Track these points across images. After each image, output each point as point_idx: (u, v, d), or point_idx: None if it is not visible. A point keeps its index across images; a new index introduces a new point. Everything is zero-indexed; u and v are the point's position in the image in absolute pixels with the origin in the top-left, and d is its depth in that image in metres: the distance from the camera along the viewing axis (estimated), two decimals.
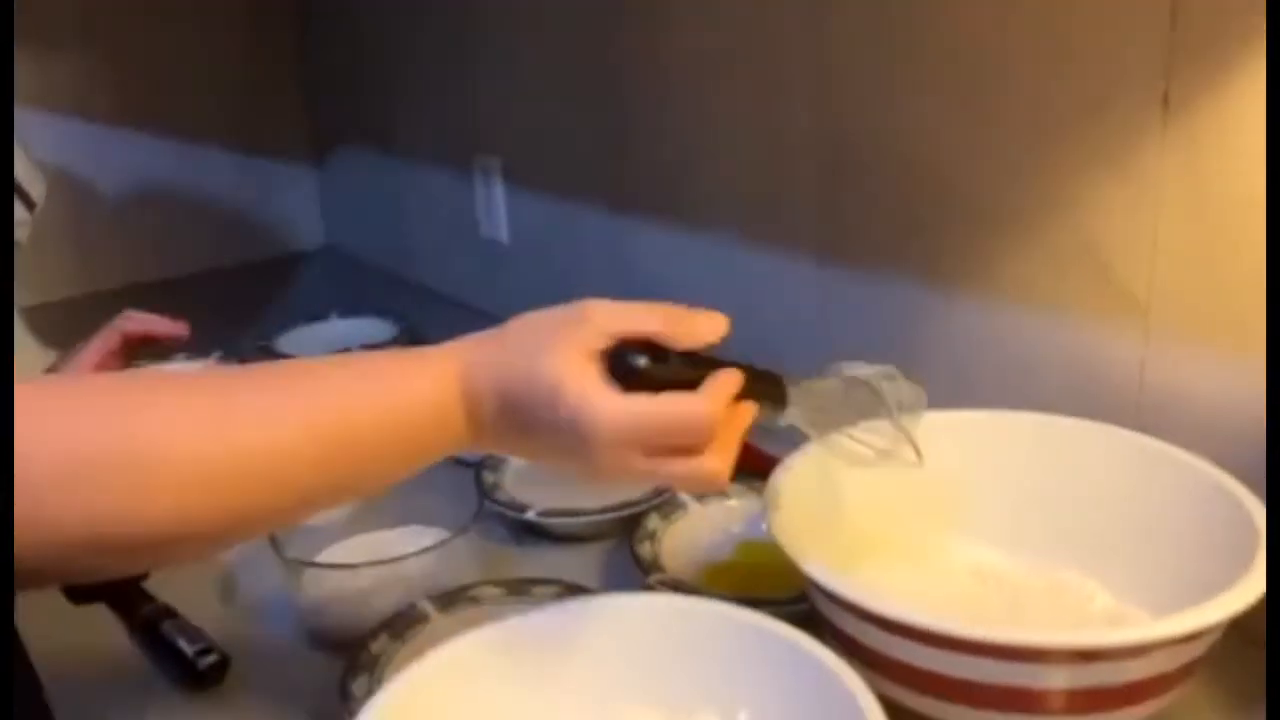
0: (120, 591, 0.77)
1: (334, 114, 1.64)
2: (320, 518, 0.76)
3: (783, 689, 0.50)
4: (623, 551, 0.78)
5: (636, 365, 0.49)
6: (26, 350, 1.15)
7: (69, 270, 1.54)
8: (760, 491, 0.78)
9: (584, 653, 0.53)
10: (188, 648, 0.69)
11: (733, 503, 0.78)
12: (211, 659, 0.68)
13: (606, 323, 0.49)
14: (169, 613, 0.73)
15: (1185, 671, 0.51)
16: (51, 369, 0.81)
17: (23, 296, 1.22)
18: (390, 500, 0.80)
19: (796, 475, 0.63)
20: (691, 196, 0.98)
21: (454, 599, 0.68)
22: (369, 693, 0.60)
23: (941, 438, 0.67)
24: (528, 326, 0.51)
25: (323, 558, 0.75)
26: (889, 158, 0.78)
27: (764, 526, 0.75)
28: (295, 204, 1.72)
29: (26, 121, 1.17)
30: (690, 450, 0.48)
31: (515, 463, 0.88)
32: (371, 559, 0.71)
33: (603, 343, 0.49)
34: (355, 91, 1.55)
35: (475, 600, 0.68)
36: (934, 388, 0.78)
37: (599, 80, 1.06)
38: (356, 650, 0.63)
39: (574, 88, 1.10)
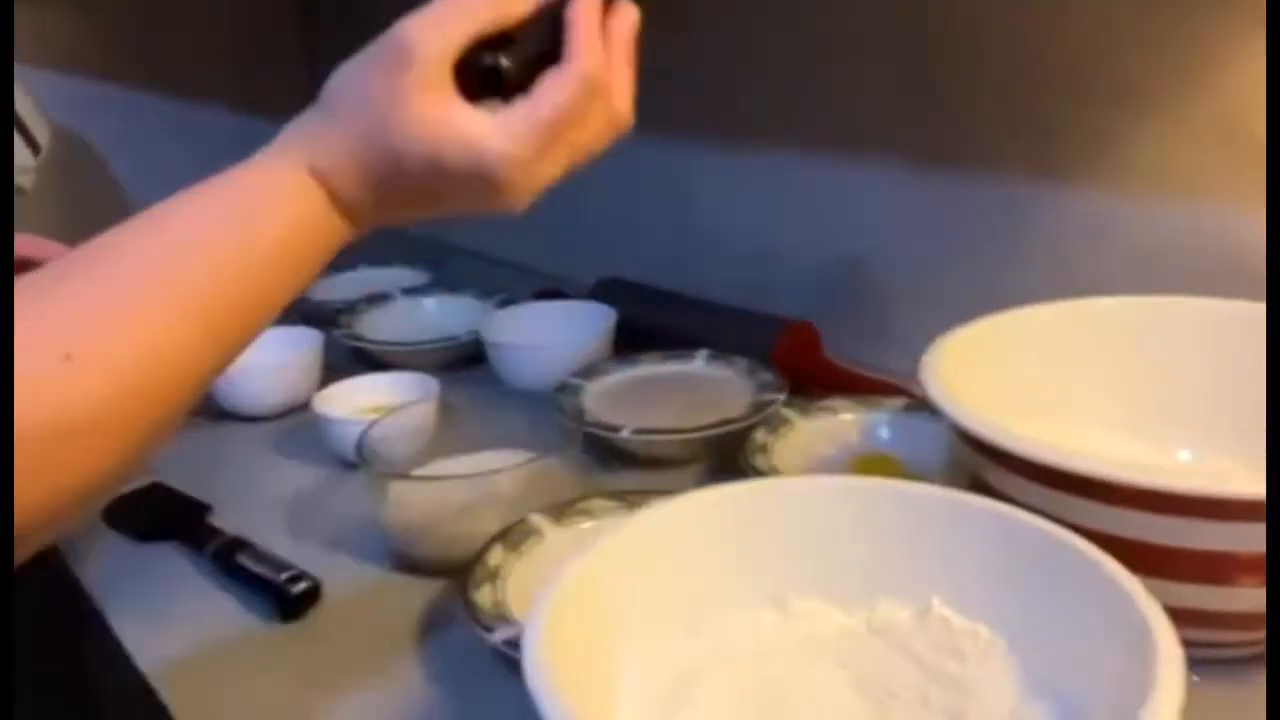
0: (189, 527, 0.72)
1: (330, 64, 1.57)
2: (400, 446, 0.71)
3: (995, 569, 0.45)
4: (722, 473, 0.74)
5: (495, 70, 0.43)
6: None
7: (60, 233, 1.46)
8: (864, 405, 0.74)
9: (757, 534, 0.49)
10: (275, 576, 0.63)
11: (846, 416, 0.74)
12: (304, 585, 0.62)
13: (437, 49, 0.42)
14: (244, 544, 0.67)
15: None
16: None
17: None
18: (470, 428, 0.75)
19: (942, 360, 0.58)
20: (755, 113, 0.94)
21: (565, 512, 0.63)
22: (496, 603, 0.55)
23: (1058, 328, 0.63)
24: (354, 94, 0.44)
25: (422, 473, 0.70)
26: (985, 35, 0.74)
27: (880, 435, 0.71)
28: None
29: (21, 77, 1.10)
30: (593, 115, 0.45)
31: (595, 385, 0.83)
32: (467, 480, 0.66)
33: (443, 70, 0.43)
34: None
35: (588, 513, 0.63)
36: (1047, 281, 0.75)
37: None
38: (472, 564, 0.58)
39: None
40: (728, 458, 0.75)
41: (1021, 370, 0.62)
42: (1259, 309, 0.60)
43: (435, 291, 1.09)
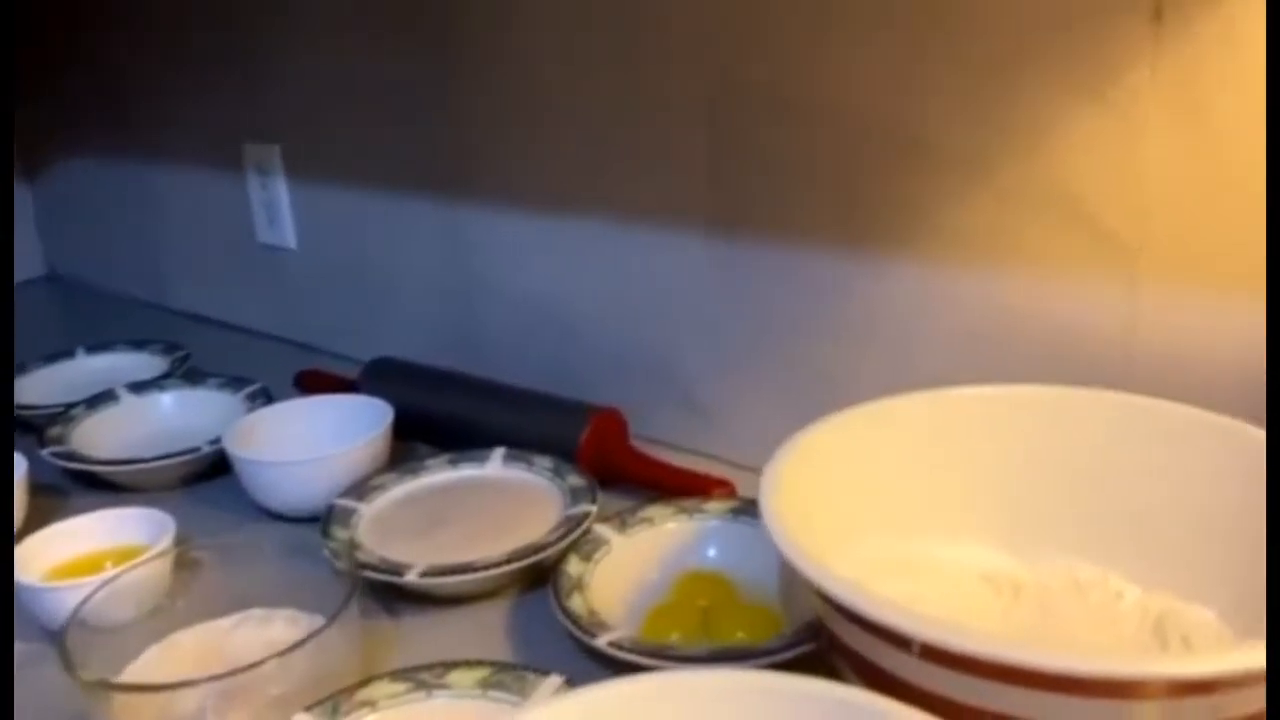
0: None
1: (48, 116, 1.35)
2: (122, 613, 0.57)
3: None
4: (534, 606, 0.63)
5: None
6: None
7: None
8: (685, 513, 0.66)
9: None
10: None
11: (669, 526, 0.65)
12: None
13: None
14: None
15: None
16: None
17: None
18: (217, 576, 0.61)
19: (777, 494, 0.50)
20: (543, 173, 0.84)
21: (340, 707, 0.50)
22: None
23: (908, 422, 0.57)
24: None
25: (136, 667, 0.55)
26: (794, 109, 0.67)
27: (710, 554, 0.63)
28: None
29: None
30: None
31: (370, 508, 0.70)
32: (210, 662, 0.52)
33: None
34: (73, 86, 1.28)
35: (369, 704, 0.50)
36: (874, 367, 0.69)
37: (411, 35, 0.89)
38: None
39: (376, 46, 0.92)
40: (538, 581, 0.64)
41: (873, 477, 0.55)
42: (1129, 400, 0.55)
43: (171, 386, 0.92)
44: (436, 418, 0.82)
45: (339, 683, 0.52)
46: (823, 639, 0.48)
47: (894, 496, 0.55)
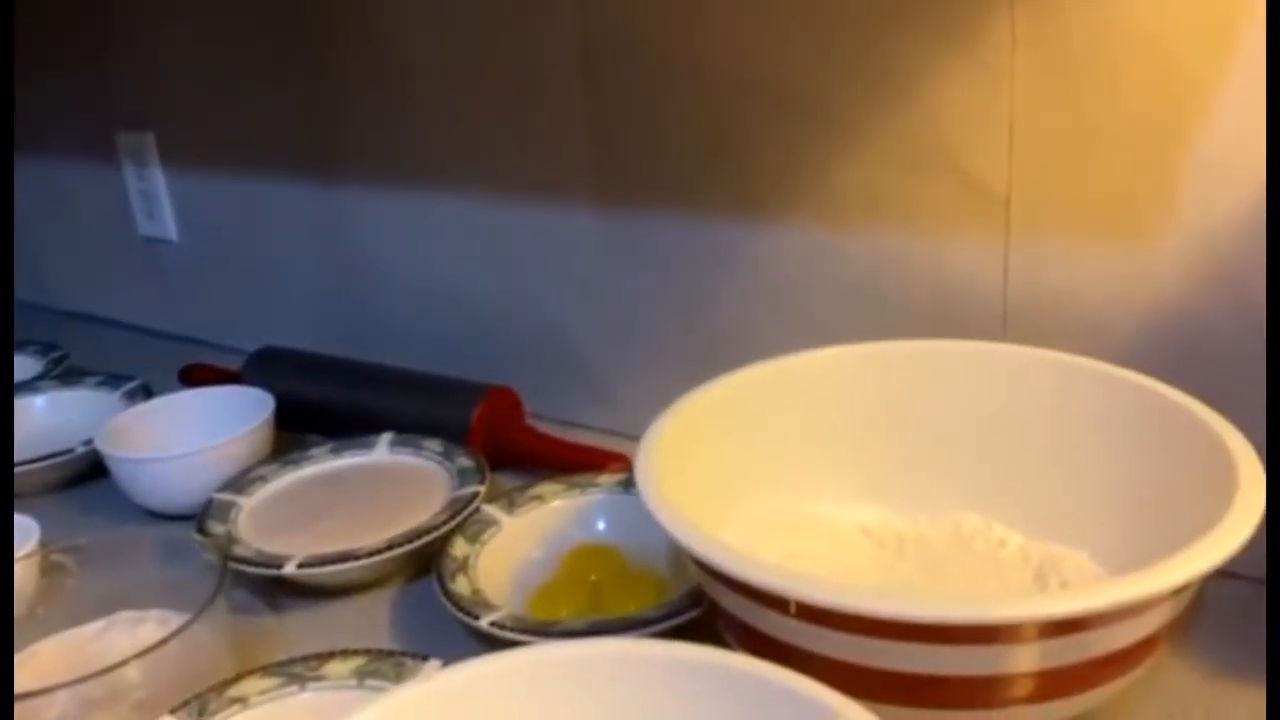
0: None
1: None
2: None
3: None
4: (416, 594, 0.61)
5: None
6: None
7: None
8: (577, 488, 0.65)
9: None
10: None
11: (556, 504, 0.63)
12: None
13: None
14: None
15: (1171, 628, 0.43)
16: None
17: None
18: (86, 581, 0.58)
19: (654, 457, 0.49)
20: (419, 149, 0.81)
21: (208, 706, 0.48)
22: None
23: (790, 383, 0.57)
24: None
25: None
26: (675, 69, 0.66)
27: (600, 527, 0.62)
28: None
29: None
30: None
31: (252, 500, 0.68)
32: (75, 672, 0.49)
33: None
34: None
35: (241, 700, 0.48)
36: (760, 329, 0.68)
37: (277, 9, 0.86)
38: None
39: (244, 23, 0.89)
40: (426, 568, 0.62)
41: (753, 438, 0.55)
42: (1006, 350, 0.55)
43: (45, 387, 0.88)
44: (325, 406, 0.80)
45: (210, 682, 0.50)
46: (705, 605, 0.48)
47: (777, 458, 0.55)
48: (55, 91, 1.08)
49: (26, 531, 0.63)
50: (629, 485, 0.64)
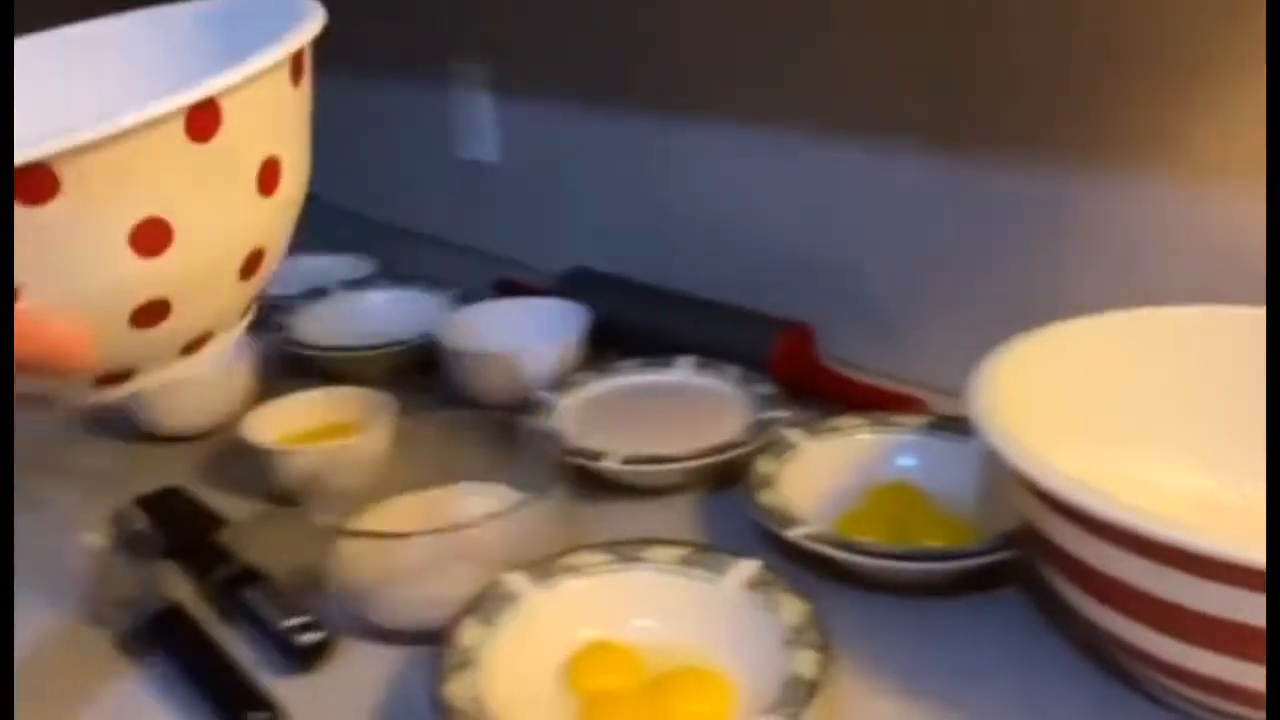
0: (193, 547, 0.62)
1: None
2: (348, 480, 0.62)
3: None
4: (721, 503, 0.65)
5: None
6: None
7: None
8: (879, 425, 0.66)
9: None
10: (281, 620, 0.54)
11: (862, 437, 0.65)
12: (313, 637, 0.53)
13: None
14: (253, 576, 0.58)
15: None
16: None
17: None
18: (425, 454, 0.65)
19: (988, 395, 0.50)
20: (747, 84, 0.84)
21: (547, 569, 0.53)
22: (475, 699, 0.45)
23: (1122, 339, 0.55)
24: None
25: (360, 525, 0.60)
26: (1030, 4, 0.65)
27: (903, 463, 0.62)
28: None
29: None
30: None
31: (568, 401, 0.73)
32: (427, 526, 0.56)
33: None
34: None
35: (575, 569, 0.53)
36: (1090, 292, 0.66)
37: None
38: (442, 648, 0.48)
39: None
40: (725, 482, 0.66)
41: (1082, 391, 0.54)
42: None
43: (380, 285, 0.98)
44: (629, 326, 0.85)
45: (544, 552, 0.55)
46: (1031, 544, 0.48)
47: (1100, 411, 0.54)
48: (394, 19, 1.19)
49: (387, 404, 0.71)
50: (933, 428, 0.64)
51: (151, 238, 0.35)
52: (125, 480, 0.72)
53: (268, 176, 0.40)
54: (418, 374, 0.86)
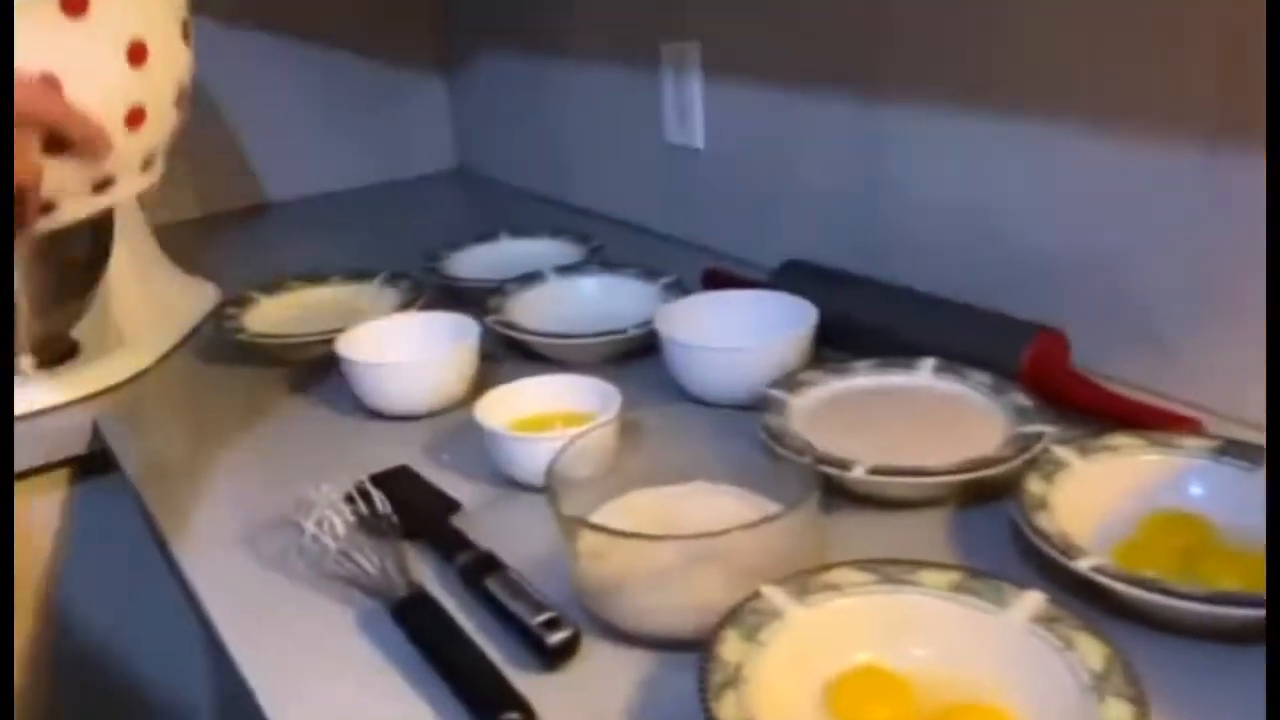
0: (430, 529, 0.63)
1: (466, 15, 1.45)
2: (582, 470, 0.60)
3: None
4: (976, 521, 0.61)
5: None
6: (158, 266, 0.99)
7: (191, 180, 1.37)
8: (1158, 446, 0.60)
9: None
10: (530, 615, 0.53)
11: (1147, 458, 0.59)
12: (563, 635, 0.52)
13: None
14: (494, 564, 0.57)
15: None
16: None
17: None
18: (654, 448, 0.63)
19: None
20: (994, 70, 0.78)
21: (806, 586, 0.50)
22: (751, 717, 0.43)
23: None
24: None
25: (597, 518, 0.58)
26: None
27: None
28: (422, 120, 1.54)
29: None
30: None
31: (800, 400, 0.70)
32: (662, 525, 0.54)
33: None
34: None
35: (837, 589, 0.50)
36: None
37: None
38: (705, 661, 0.45)
39: None
40: (977, 499, 0.61)
41: None
42: None
43: (593, 271, 0.97)
44: (853, 323, 0.80)
45: (797, 564, 0.52)
46: None
47: None
48: (592, 5, 1.17)
49: (611, 396, 0.69)
50: (1222, 453, 0.58)
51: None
52: (355, 458, 0.73)
53: (135, 52, 0.59)
54: (633, 362, 0.84)
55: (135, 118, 0.62)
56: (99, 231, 0.85)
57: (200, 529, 0.68)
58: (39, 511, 0.85)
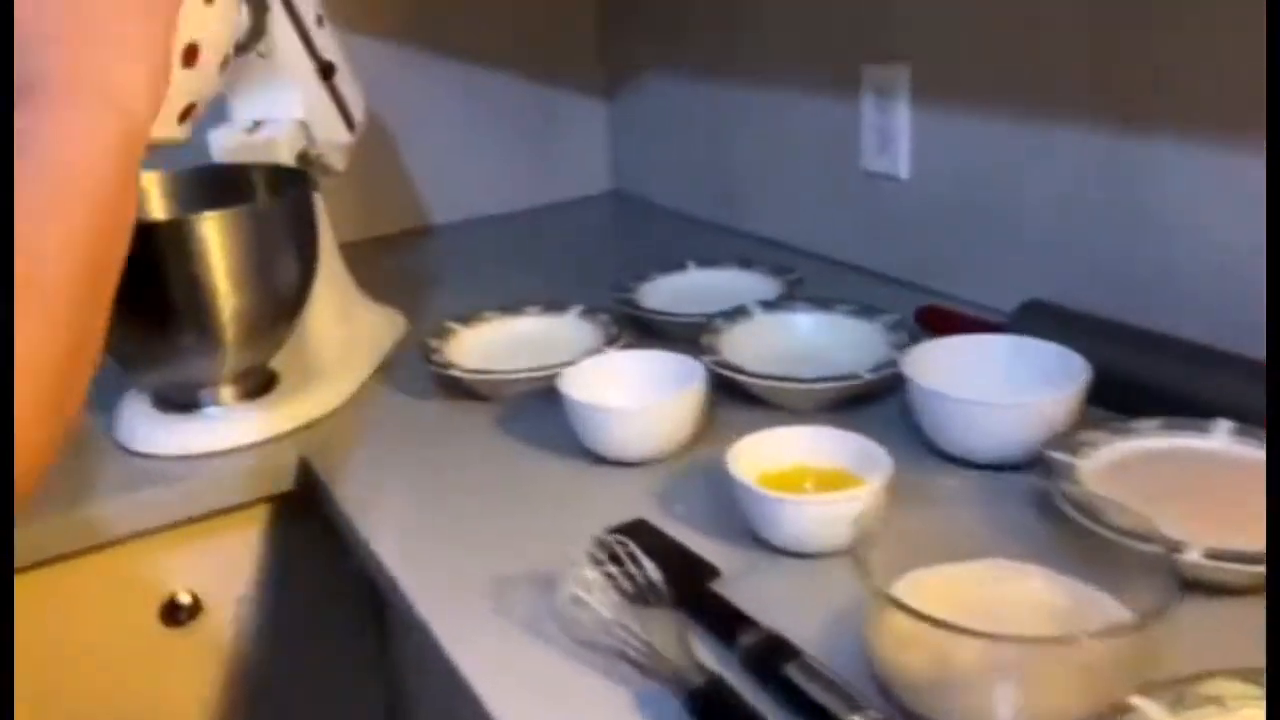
0: (695, 599, 0.57)
1: (629, 34, 1.41)
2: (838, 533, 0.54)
3: None
4: None
5: None
6: (352, 294, 0.96)
7: (357, 205, 1.35)
8: None
9: None
10: (843, 711, 0.47)
11: None
12: None
13: None
14: (785, 646, 0.52)
15: None
16: None
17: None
18: (918, 511, 0.57)
19: None
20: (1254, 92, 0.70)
21: (1182, 697, 0.43)
22: None
23: None
24: None
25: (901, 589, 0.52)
26: None
27: None
28: (581, 143, 1.50)
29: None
30: None
31: (1087, 466, 0.63)
32: (963, 607, 0.47)
33: None
34: (655, 4, 1.32)
35: (1218, 702, 0.43)
36: None
37: None
38: None
39: None
40: None
41: None
42: None
43: (803, 307, 0.91)
44: (1120, 377, 0.73)
45: (1148, 666, 0.45)
46: None
47: None
48: (800, 22, 1.12)
49: (873, 455, 0.63)
50: None
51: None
52: (584, 505, 0.69)
53: (188, 55, 0.60)
54: (859, 408, 0.78)
55: (190, 54, 0.61)
56: (303, 259, 0.83)
57: (437, 576, 0.63)
58: (236, 548, 0.83)
